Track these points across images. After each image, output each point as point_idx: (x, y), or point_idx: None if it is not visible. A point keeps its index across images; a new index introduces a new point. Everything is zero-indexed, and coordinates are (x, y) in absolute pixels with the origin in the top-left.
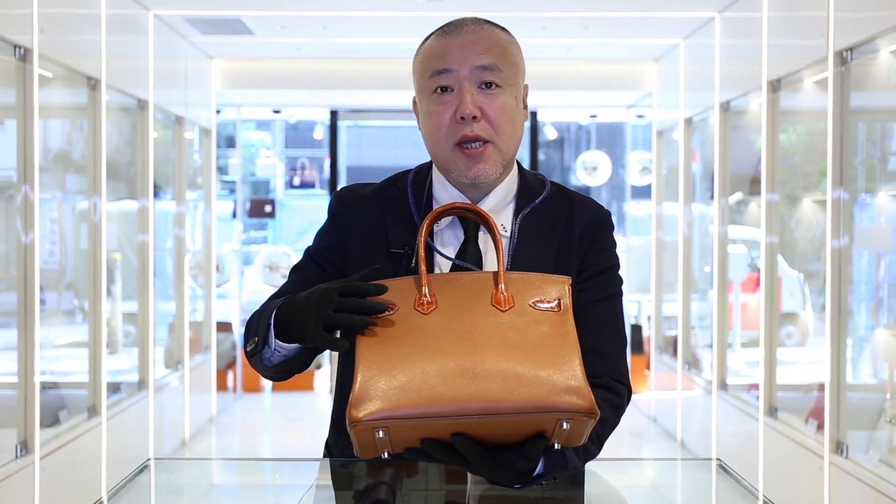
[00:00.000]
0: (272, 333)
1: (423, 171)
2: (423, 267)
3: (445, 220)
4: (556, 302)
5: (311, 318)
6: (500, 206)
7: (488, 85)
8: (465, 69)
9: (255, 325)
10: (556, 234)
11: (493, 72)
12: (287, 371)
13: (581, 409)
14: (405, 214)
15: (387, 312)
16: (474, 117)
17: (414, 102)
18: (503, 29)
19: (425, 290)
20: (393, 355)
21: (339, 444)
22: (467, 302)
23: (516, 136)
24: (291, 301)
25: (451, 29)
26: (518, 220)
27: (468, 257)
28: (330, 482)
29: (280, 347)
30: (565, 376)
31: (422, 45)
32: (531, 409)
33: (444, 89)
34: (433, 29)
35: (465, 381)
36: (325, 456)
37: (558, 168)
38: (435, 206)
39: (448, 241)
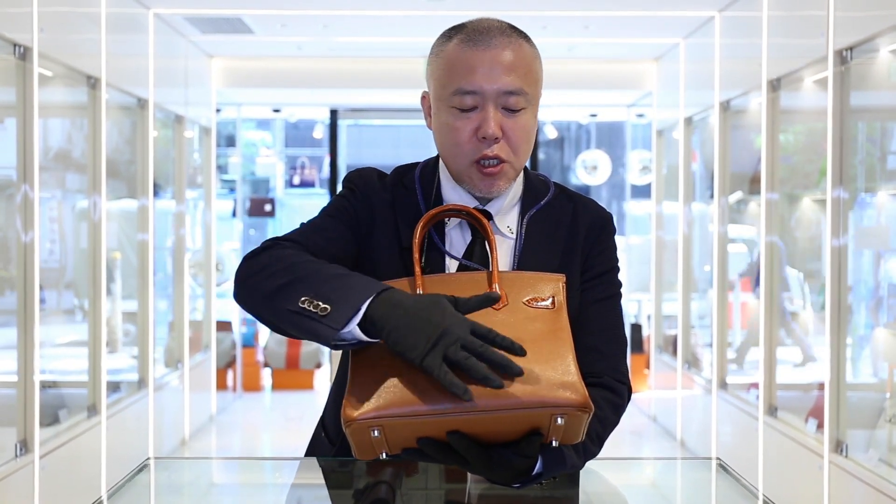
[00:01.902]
0: (357, 318)
1: (430, 169)
2: (417, 268)
3: (454, 221)
4: (550, 300)
5: (431, 341)
6: (506, 207)
7: (513, 108)
8: (491, 90)
9: (323, 287)
10: (560, 236)
11: (519, 96)
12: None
13: (574, 404)
14: (415, 214)
15: None
16: (496, 138)
17: (423, 98)
18: (527, 39)
19: (420, 290)
20: (388, 355)
21: (338, 445)
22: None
23: (530, 152)
24: (398, 299)
25: (477, 38)
26: (524, 221)
27: (475, 258)
28: (322, 481)
29: (354, 337)
30: (559, 372)
31: (442, 44)
32: (524, 404)
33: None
34: (441, 27)
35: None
36: (315, 446)
37: (558, 167)
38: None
39: (456, 242)
